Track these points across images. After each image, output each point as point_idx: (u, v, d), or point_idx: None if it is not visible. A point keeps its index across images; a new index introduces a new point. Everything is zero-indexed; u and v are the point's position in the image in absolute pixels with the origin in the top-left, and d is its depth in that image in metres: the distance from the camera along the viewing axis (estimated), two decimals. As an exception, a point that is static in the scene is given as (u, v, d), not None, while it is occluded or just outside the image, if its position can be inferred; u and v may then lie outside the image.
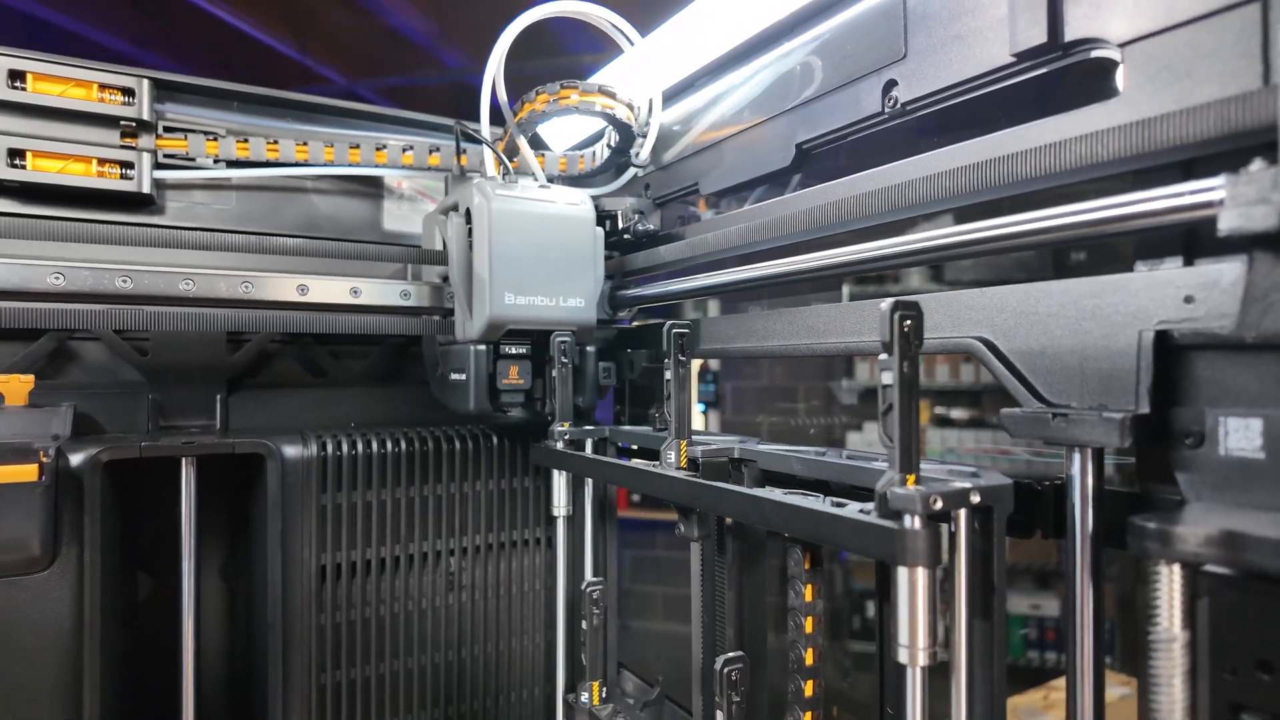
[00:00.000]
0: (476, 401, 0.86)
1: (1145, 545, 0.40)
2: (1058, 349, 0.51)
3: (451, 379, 0.90)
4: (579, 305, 0.89)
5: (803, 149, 0.76)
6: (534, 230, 0.86)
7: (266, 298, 0.82)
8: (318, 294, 0.84)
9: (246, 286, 0.81)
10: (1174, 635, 0.39)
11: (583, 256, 0.90)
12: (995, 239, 0.52)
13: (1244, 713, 0.43)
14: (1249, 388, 0.43)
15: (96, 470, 0.77)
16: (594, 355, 0.94)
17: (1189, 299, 0.45)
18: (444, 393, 0.93)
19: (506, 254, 0.85)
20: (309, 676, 0.86)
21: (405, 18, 3.45)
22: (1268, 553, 0.36)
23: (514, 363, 0.89)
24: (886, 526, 0.44)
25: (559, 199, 0.89)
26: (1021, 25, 0.53)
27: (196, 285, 0.79)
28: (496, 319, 0.85)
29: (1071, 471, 0.47)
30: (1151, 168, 0.48)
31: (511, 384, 0.88)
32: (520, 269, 0.85)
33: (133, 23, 3.33)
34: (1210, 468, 0.44)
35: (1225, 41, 0.44)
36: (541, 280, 0.87)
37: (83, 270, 0.75)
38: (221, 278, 0.80)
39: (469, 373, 0.86)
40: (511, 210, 0.85)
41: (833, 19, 0.72)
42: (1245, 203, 0.39)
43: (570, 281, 0.89)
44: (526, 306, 0.86)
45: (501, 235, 0.84)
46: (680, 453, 0.70)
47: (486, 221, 0.84)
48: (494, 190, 0.85)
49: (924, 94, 0.62)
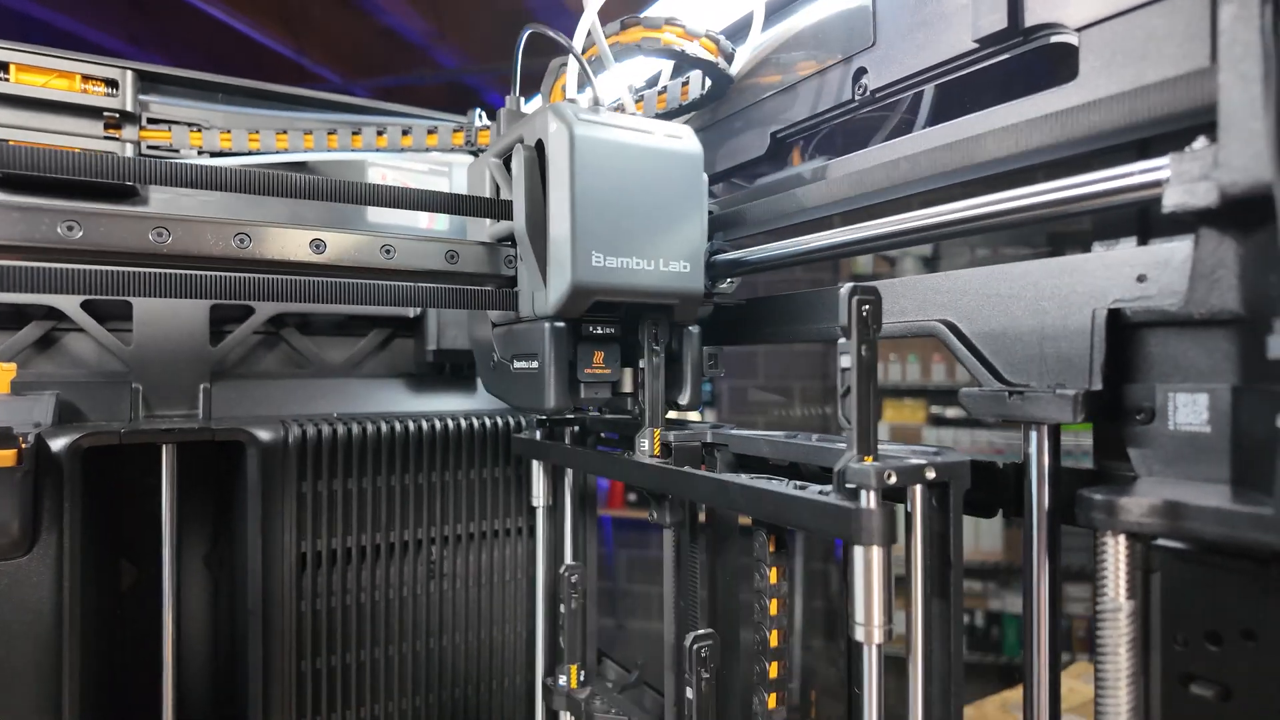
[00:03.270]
0: (557, 396, 0.68)
1: (1092, 517, 0.41)
2: (1018, 330, 0.52)
3: (516, 368, 0.72)
4: (683, 270, 0.68)
5: (777, 137, 0.76)
6: (628, 169, 0.66)
7: (269, 255, 0.63)
8: (338, 252, 0.65)
9: (242, 240, 0.62)
10: (1119, 605, 0.40)
11: (688, 206, 0.69)
12: (946, 224, 0.53)
13: (1193, 683, 0.44)
14: (1197, 363, 0.43)
15: (77, 457, 0.78)
16: (698, 337, 0.75)
17: (1142, 278, 0.46)
18: (504, 387, 0.76)
19: (594, 200, 0.64)
20: (290, 663, 0.86)
21: (401, 17, 3.45)
22: (1207, 521, 0.37)
23: (600, 346, 0.70)
24: (842, 506, 0.45)
25: (657, 130, 0.68)
26: (983, 11, 0.54)
27: (174, 237, 0.60)
28: (582, 286, 0.64)
29: (1029, 449, 0.48)
30: (1111, 148, 0.49)
31: (596, 373, 0.70)
32: (611, 221, 0.65)
33: (129, 22, 3.34)
34: (1160, 443, 0.44)
35: (1176, 24, 0.45)
36: (638, 236, 0.66)
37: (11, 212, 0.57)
38: (208, 226, 0.61)
39: (544, 358, 0.67)
40: (600, 140, 0.64)
41: (805, 6, 0.73)
42: (1189, 180, 0.40)
43: (673, 238, 0.68)
44: (619, 270, 0.65)
45: (588, 174, 0.64)
46: (654, 440, 0.70)
47: (567, 155, 0.63)
48: (577, 114, 0.65)
49: (892, 80, 0.63)
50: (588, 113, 0.66)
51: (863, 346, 0.45)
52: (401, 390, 1.08)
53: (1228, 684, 0.43)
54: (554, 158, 0.65)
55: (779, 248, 0.71)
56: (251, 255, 0.63)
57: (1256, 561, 0.41)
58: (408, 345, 1.11)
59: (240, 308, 0.99)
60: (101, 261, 0.59)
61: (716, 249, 0.79)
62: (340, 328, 1.07)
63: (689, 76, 0.82)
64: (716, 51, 0.75)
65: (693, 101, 0.81)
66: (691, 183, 0.69)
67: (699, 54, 0.73)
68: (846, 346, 0.46)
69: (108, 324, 0.93)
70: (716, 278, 0.79)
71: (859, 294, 0.45)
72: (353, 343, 1.08)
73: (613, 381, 0.71)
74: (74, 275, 0.58)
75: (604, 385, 0.70)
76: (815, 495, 0.48)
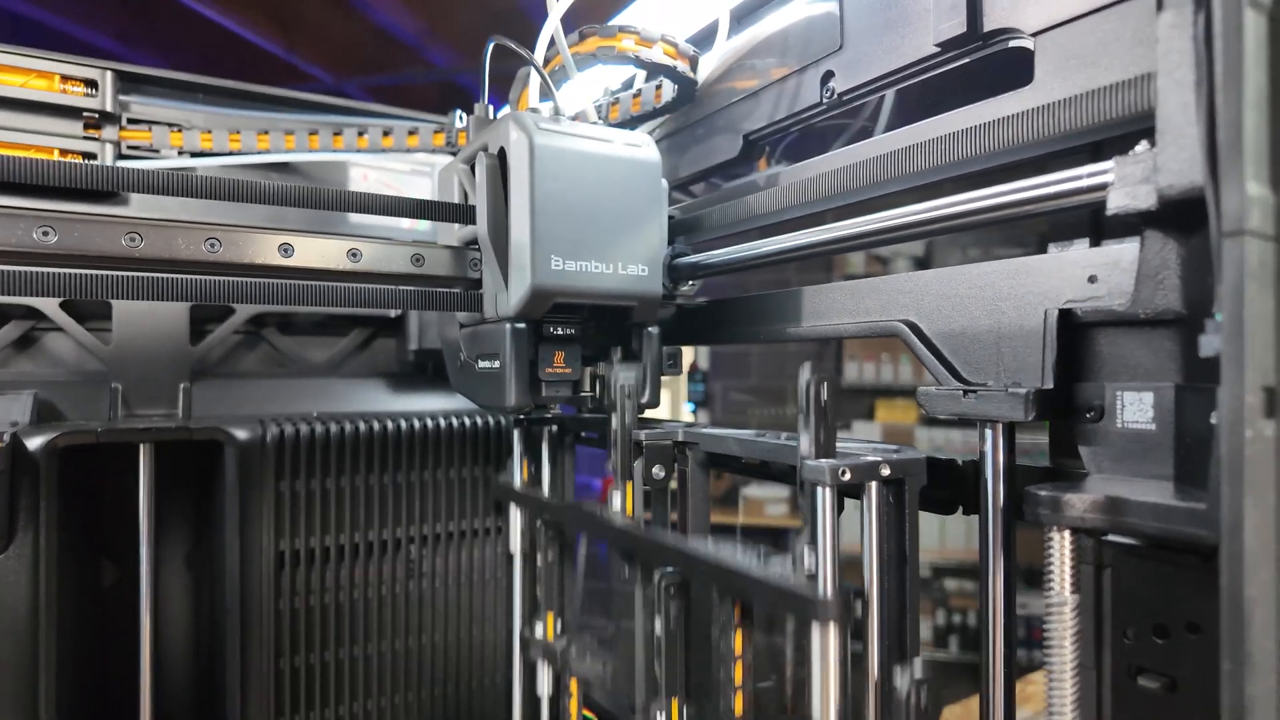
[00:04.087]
0: (518, 395, 0.69)
1: (1038, 513, 0.42)
2: (976, 330, 0.53)
3: (480, 368, 0.74)
4: (642, 273, 0.71)
5: (749, 139, 0.77)
6: (587, 177, 0.68)
7: (238, 259, 0.65)
8: (306, 256, 0.67)
9: (212, 244, 0.64)
10: (1065, 599, 0.41)
11: (647, 212, 0.71)
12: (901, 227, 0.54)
13: (1142, 675, 0.45)
14: (1144, 362, 0.44)
15: (53, 456, 0.78)
16: (657, 338, 0.76)
17: (1093, 278, 0.47)
18: (470, 385, 0.78)
19: (553, 207, 0.66)
20: (268, 661, 0.87)
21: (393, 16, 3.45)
22: (1145, 516, 0.38)
23: (560, 346, 0.72)
24: (801, 594, 0.46)
25: (616, 139, 0.70)
26: (943, 16, 0.55)
27: (146, 242, 0.62)
28: (541, 289, 0.66)
29: (984, 448, 0.49)
30: (1067, 150, 0.50)
31: (557, 372, 0.72)
32: (570, 226, 0.67)
33: (119, 21, 3.33)
34: (1109, 440, 0.45)
35: (1125, 30, 0.46)
36: (596, 241, 0.68)
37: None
38: (179, 231, 0.63)
39: (505, 358, 0.70)
40: (559, 149, 0.66)
41: (774, 11, 0.74)
42: (1131, 183, 0.40)
43: (631, 243, 0.70)
44: (578, 274, 0.67)
45: (547, 181, 0.66)
46: (627, 494, 0.71)
47: (527, 163, 0.65)
48: (537, 124, 0.67)
49: (858, 84, 0.64)
50: (548, 122, 0.68)
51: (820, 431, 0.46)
52: (383, 390, 1.08)
53: (1174, 676, 0.44)
54: (515, 165, 0.67)
55: (738, 251, 0.73)
56: (221, 259, 0.65)
57: (1200, 556, 0.42)
58: (389, 345, 1.11)
59: (220, 307, 1.00)
60: (76, 265, 0.61)
61: (678, 253, 0.81)
62: (321, 327, 1.08)
63: (661, 80, 0.82)
64: (677, 56, 0.76)
65: (664, 105, 0.82)
66: (650, 189, 0.71)
67: (659, 60, 0.75)
68: None
69: (87, 323, 0.94)
70: (678, 280, 0.81)
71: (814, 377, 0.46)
72: (334, 342, 1.08)
73: (573, 381, 0.73)
74: (49, 278, 0.59)
75: (565, 384, 0.73)
76: (778, 578, 0.49)
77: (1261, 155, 0.33)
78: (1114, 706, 0.46)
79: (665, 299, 0.77)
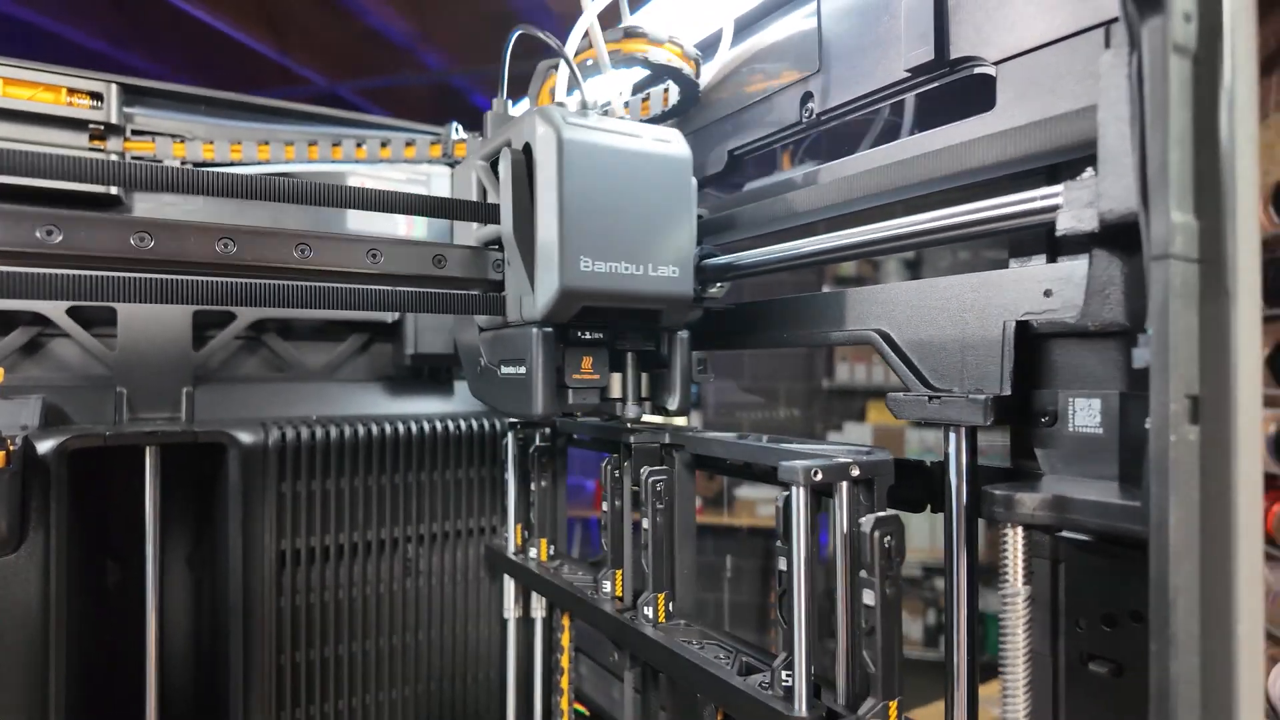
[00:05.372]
0: (545, 402, 0.66)
1: (993, 511, 0.45)
2: (943, 339, 0.56)
3: (504, 374, 0.71)
4: (672, 275, 0.68)
5: (734, 154, 0.80)
6: (617, 173, 0.65)
7: (253, 261, 0.62)
8: (324, 256, 0.64)
9: (226, 244, 0.61)
10: (1018, 590, 0.44)
11: (677, 210, 0.68)
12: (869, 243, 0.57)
13: (1092, 662, 0.48)
14: (1093, 371, 0.48)
15: (63, 459, 0.81)
16: (687, 342, 0.74)
17: (1048, 292, 0.50)
18: (491, 392, 0.75)
19: (582, 205, 0.63)
20: (269, 657, 0.89)
21: (386, 19, 3.47)
22: (1088, 513, 0.41)
23: (588, 351, 0.69)
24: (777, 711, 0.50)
25: (645, 134, 0.68)
26: (912, 43, 0.58)
27: (156, 241, 0.59)
28: (571, 290, 0.63)
29: (948, 450, 0.52)
30: (1027, 172, 0.54)
31: (584, 378, 0.69)
32: (600, 225, 0.64)
33: (111, 23, 3.33)
34: (1062, 443, 0.49)
35: (1077, 62, 0.49)
36: (626, 241, 0.65)
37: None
38: (191, 231, 0.61)
39: (532, 364, 0.66)
40: (589, 144, 0.64)
41: (759, 33, 0.77)
42: (1078, 206, 0.44)
43: (662, 243, 0.67)
44: (608, 275, 0.64)
45: (576, 178, 0.63)
46: (615, 583, 0.75)
47: (555, 159, 0.63)
48: (565, 118, 0.64)
49: (835, 105, 0.67)
50: (576, 116, 0.65)
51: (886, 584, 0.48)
52: (380, 393, 1.11)
53: (1120, 662, 0.47)
54: (542, 161, 0.64)
55: (769, 252, 0.71)
56: (235, 260, 0.61)
57: (1141, 550, 0.46)
58: (386, 349, 1.14)
59: (222, 313, 1.03)
60: (83, 266, 0.58)
61: (706, 253, 0.78)
62: (320, 332, 1.10)
63: (668, 85, 0.84)
64: (684, 59, 0.76)
65: (668, 110, 0.84)
66: (680, 187, 0.69)
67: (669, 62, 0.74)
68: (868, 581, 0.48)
69: (93, 329, 0.96)
70: (706, 282, 0.78)
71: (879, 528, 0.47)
72: (332, 347, 1.11)
73: (600, 387, 0.70)
74: (55, 280, 0.57)
75: (592, 391, 0.70)
76: (755, 689, 0.53)
77: (1185, 186, 0.37)
78: (1067, 691, 0.50)
79: (694, 301, 0.74)
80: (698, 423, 3.74)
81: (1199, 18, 0.37)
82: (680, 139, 0.70)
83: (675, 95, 0.83)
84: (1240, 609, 0.37)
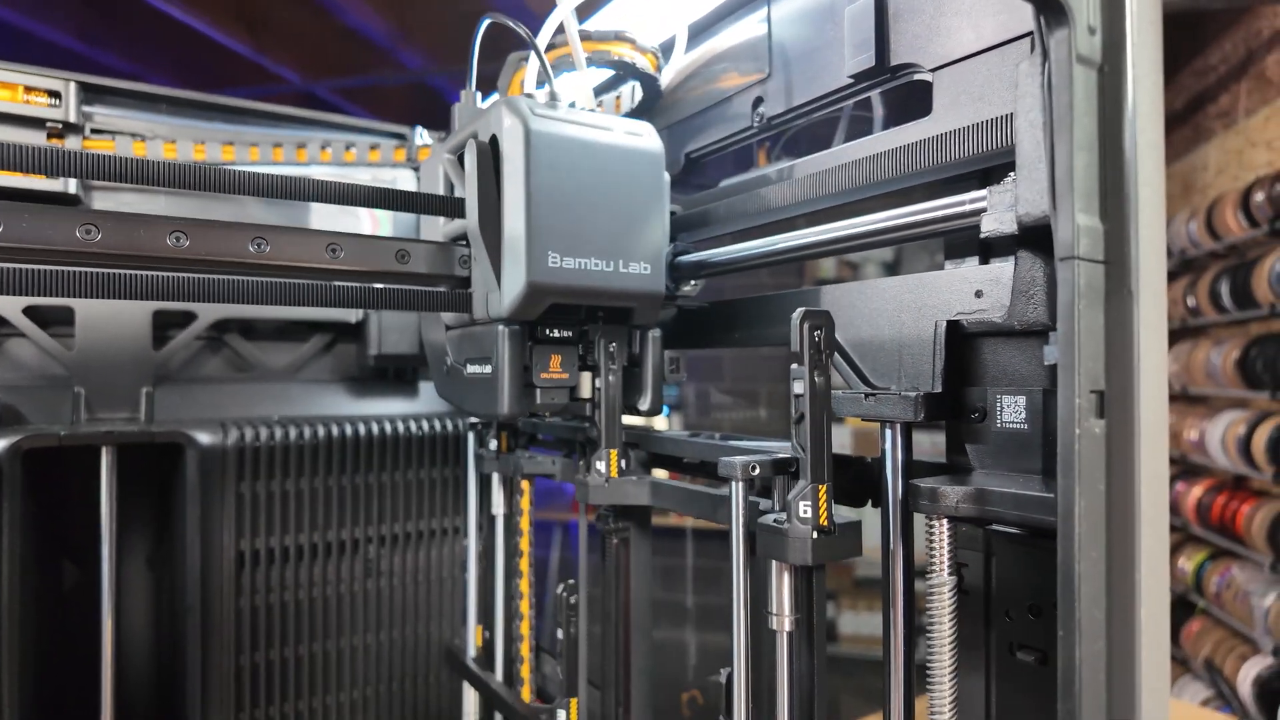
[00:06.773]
0: (511, 402, 0.65)
1: (920, 504, 0.47)
2: (881, 339, 0.58)
3: (470, 373, 0.70)
4: (644, 271, 0.67)
5: (690, 157, 0.82)
6: (586, 167, 0.64)
7: (207, 255, 0.60)
8: (281, 251, 0.61)
9: (178, 238, 0.58)
10: (944, 580, 0.46)
11: (649, 205, 0.67)
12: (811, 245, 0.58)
13: (1019, 651, 0.50)
14: (1019, 369, 0.49)
15: (16, 458, 0.80)
16: (659, 341, 0.73)
17: (979, 293, 0.52)
18: (457, 392, 0.74)
19: (550, 198, 0.62)
20: (228, 658, 0.89)
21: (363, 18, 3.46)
22: (1006, 505, 0.43)
23: (557, 349, 0.68)
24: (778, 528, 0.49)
25: (616, 127, 0.67)
26: (855, 50, 0.60)
27: (103, 234, 0.56)
28: (538, 287, 0.62)
29: (884, 445, 0.54)
30: (961, 175, 0.55)
31: (553, 377, 0.67)
32: (568, 220, 0.63)
33: (84, 21, 3.29)
34: (990, 439, 0.50)
35: (1004, 71, 0.51)
36: (596, 236, 0.64)
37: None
38: (140, 223, 0.57)
39: (499, 362, 0.65)
40: (556, 136, 0.62)
41: (712, 38, 0.78)
42: (1000, 209, 0.46)
43: (633, 239, 0.66)
44: (577, 271, 0.63)
45: (543, 171, 0.62)
46: (611, 462, 0.70)
47: (522, 151, 0.61)
48: (532, 109, 0.63)
49: (784, 110, 0.69)
50: (544, 108, 0.64)
51: (815, 373, 0.48)
52: (344, 394, 1.11)
53: (1044, 650, 0.49)
54: (509, 153, 0.63)
55: (744, 249, 0.69)
56: (189, 254, 0.59)
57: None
58: (351, 350, 1.14)
59: (183, 313, 1.02)
60: (22, 260, 0.55)
61: (680, 250, 0.76)
62: (283, 333, 1.10)
63: (633, 85, 0.84)
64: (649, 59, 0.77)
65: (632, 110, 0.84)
66: (652, 181, 0.68)
67: (635, 62, 0.75)
68: (799, 372, 0.48)
69: (50, 329, 0.96)
70: (679, 280, 0.77)
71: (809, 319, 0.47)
72: (295, 347, 1.11)
73: (570, 386, 0.69)
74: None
75: (561, 390, 0.68)
76: None
77: (1091, 190, 0.38)
78: (997, 680, 0.51)
79: (666, 299, 0.73)
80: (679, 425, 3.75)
81: (1103, 30, 0.38)
82: (652, 132, 0.69)
83: (639, 96, 0.84)
84: (1143, 596, 0.38)
